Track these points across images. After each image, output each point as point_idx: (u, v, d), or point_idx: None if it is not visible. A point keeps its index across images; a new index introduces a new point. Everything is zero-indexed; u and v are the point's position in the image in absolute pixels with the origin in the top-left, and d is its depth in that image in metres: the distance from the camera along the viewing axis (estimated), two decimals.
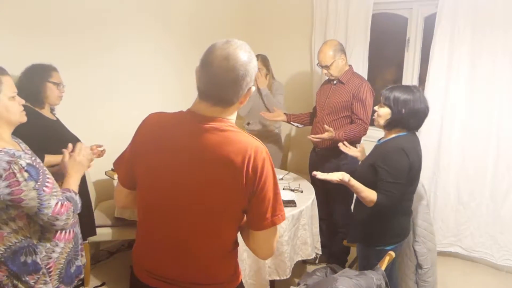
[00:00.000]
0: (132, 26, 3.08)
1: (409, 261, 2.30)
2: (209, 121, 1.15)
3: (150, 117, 1.25)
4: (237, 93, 1.14)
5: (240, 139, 1.14)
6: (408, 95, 1.90)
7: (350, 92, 2.72)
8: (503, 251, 2.96)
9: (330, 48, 2.70)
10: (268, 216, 1.16)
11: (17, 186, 1.31)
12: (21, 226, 1.39)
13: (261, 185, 1.14)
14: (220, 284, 1.26)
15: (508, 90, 2.77)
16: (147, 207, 1.25)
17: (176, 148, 1.16)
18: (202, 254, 1.21)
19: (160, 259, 1.24)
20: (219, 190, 1.14)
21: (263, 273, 2.12)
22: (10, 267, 1.39)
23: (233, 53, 1.12)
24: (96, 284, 2.77)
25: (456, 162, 3.03)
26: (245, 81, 1.14)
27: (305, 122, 3.12)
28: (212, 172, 1.13)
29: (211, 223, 1.18)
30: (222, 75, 1.11)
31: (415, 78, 3.34)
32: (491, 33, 2.76)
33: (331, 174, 1.87)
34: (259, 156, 1.13)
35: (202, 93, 1.16)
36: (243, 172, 1.11)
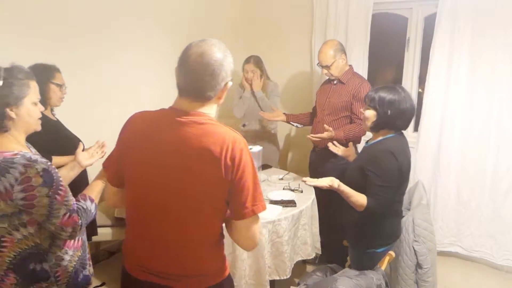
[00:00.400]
0: (132, 27, 3.08)
1: (409, 261, 2.29)
2: (188, 116, 1.21)
3: (134, 116, 1.31)
4: (213, 88, 1.20)
5: (218, 131, 1.20)
6: (393, 96, 1.87)
7: (350, 92, 2.72)
8: (503, 251, 2.96)
9: (331, 48, 2.70)
10: (248, 205, 1.20)
11: (31, 191, 1.29)
12: (32, 232, 1.36)
13: (239, 174, 1.18)
14: (208, 275, 1.30)
15: (508, 90, 2.78)
16: (134, 203, 1.29)
17: (158, 144, 1.21)
18: (188, 246, 1.25)
19: (149, 253, 1.28)
20: (200, 181, 1.19)
21: (263, 273, 2.12)
22: (19, 274, 1.36)
23: (208, 50, 1.19)
24: (96, 284, 2.77)
25: (456, 162, 3.03)
26: (221, 76, 1.20)
27: (304, 122, 3.12)
28: (192, 164, 1.18)
29: (195, 214, 1.22)
30: (198, 70, 1.18)
31: (415, 78, 3.34)
32: (491, 33, 2.76)
33: (320, 180, 1.85)
34: (236, 146, 1.18)
35: (182, 89, 1.23)
36: (221, 162, 1.16)
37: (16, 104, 1.34)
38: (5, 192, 1.28)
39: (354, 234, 2.08)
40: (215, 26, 3.71)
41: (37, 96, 1.42)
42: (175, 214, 1.22)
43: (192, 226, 1.23)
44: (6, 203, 1.29)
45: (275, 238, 2.15)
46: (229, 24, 3.87)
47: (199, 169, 1.18)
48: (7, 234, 1.33)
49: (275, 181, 2.73)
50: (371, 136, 2.09)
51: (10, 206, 1.30)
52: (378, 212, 1.88)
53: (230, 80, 1.26)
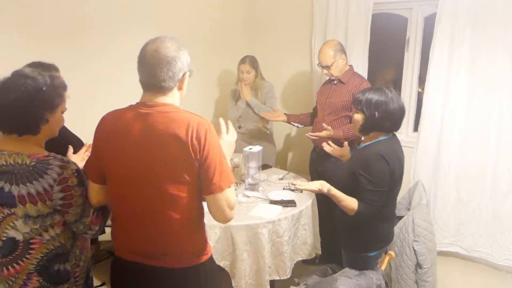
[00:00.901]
0: (132, 26, 3.08)
1: (409, 260, 2.30)
2: (153, 107, 1.31)
3: (105, 116, 1.41)
4: (172, 78, 1.31)
5: (182, 116, 1.30)
6: (380, 97, 1.84)
7: (350, 92, 2.72)
8: (503, 251, 2.96)
9: (331, 48, 2.70)
10: (215, 181, 1.30)
11: (69, 192, 1.34)
12: (58, 233, 1.39)
13: (205, 153, 1.28)
14: (190, 254, 1.41)
15: (508, 90, 2.77)
16: (116, 194, 1.40)
17: (129, 137, 1.31)
18: (168, 226, 1.35)
19: (134, 236, 1.41)
20: (172, 165, 1.29)
21: (263, 273, 2.12)
22: (43, 276, 1.38)
23: (162, 44, 1.30)
24: (96, 284, 2.77)
25: (456, 162, 3.03)
26: (177, 66, 1.31)
27: (305, 122, 3.12)
28: (163, 150, 1.28)
29: (172, 197, 1.31)
30: (156, 64, 1.28)
31: (415, 78, 3.34)
32: (491, 33, 2.76)
33: (310, 183, 1.86)
34: (201, 128, 1.28)
35: (144, 84, 1.34)
36: (188, 144, 1.26)
37: (52, 111, 1.40)
38: (45, 193, 1.31)
39: (346, 237, 2.07)
40: (215, 26, 3.71)
41: (65, 106, 1.48)
42: (153, 199, 1.33)
43: (169, 208, 1.33)
44: (44, 203, 1.32)
45: (275, 238, 2.15)
46: (229, 24, 3.87)
47: (170, 154, 1.28)
48: (37, 236, 1.36)
49: (275, 181, 2.73)
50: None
51: (47, 207, 1.33)
52: (369, 216, 1.85)
53: (189, 71, 1.37)
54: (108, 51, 2.96)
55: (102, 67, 2.95)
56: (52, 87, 1.37)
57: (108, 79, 2.99)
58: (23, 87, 1.31)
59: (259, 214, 2.17)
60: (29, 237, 1.35)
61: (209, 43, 3.63)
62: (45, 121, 1.37)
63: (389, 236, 2.08)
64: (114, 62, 3.01)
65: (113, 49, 2.99)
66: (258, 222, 2.09)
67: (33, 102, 1.32)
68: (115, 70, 3.03)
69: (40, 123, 1.36)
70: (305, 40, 3.71)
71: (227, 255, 2.10)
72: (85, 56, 2.83)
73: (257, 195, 2.41)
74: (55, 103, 1.39)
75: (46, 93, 1.35)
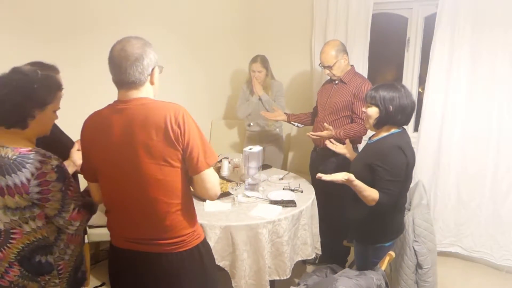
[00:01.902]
0: (132, 27, 3.08)
1: (409, 261, 2.30)
2: (129, 102, 1.39)
3: (88, 117, 1.48)
4: (142, 73, 1.37)
5: (158, 106, 1.38)
6: (394, 93, 1.93)
7: (351, 92, 2.72)
8: (503, 251, 2.96)
9: (333, 48, 2.70)
10: (201, 159, 1.39)
11: (46, 186, 1.38)
12: (40, 225, 1.43)
13: (187, 136, 1.36)
14: (183, 238, 1.47)
15: (508, 90, 2.77)
16: (108, 188, 1.47)
17: (111, 133, 1.38)
18: (160, 212, 1.42)
19: (127, 225, 1.47)
20: (156, 152, 1.35)
21: (263, 273, 2.12)
22: (24, 266, 1.43)
23: (127, 43, 1.38)
24: (96, 284, 2.77)
25: (456, 162, 3.03)
26: (145, 61, 1.38)
27: (305, 122, 3.12)
28: (145, 140, 1.35)
29: (160, 181, 1.39)
30: (124, 61, 1.35)
31: (415, 78, 3.34)
32: (491, 33, 2.76)
33: (335, 174, 1.88)
34: (178, 113, 1.36)
35: (117, 83, 1.41)
36: (169, 130, 1.33)
37: (42, 108, 1.44)
38: (22, 186, 1.36)
39: (363, 230, 2.10)
40: (215, 26, 3.71)
41: (58, 105, 1.53)
42: (142, 187, 1.39)
43: (159, 193, 1.40)
44: (21, 196, 1.37)
45: (275, 238, 2.15)
46: (229, 24, 3.87)
47: (152, 142, 1.34)
48: (17, 227, 1.41)
49: (275, 181, 2.73)
50: (371, 135, 2.10)
51: (25, 200, 1.37)
52: (388, 206, 1.91)
53: (158, 66, 1.45)
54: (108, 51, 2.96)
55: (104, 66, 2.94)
56: (44, 86, 1.43)
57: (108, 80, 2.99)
58: (15, 82, 1.38)
59: (259, 214, 2.17)
60: (10, 227, 1.40)
61: (209, 43, 3.63)
62: (32, 117, 1.42)
63: (402, 226, 2.16)
64: None
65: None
66: (258, 222, 2.09)
67: (23, 98, 1.38)
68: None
69: (28, 118, 1.41)
70: (305, 40, 3.71)
71: (227, 255, 2.10)
72: (88, 55, 2.82)
73: (257, 195, 2.41)
74: (45, 101, 1.44)
75: (37, 90, 1.40)
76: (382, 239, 2.05)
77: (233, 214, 2.18)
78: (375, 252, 2.06)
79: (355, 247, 2.21)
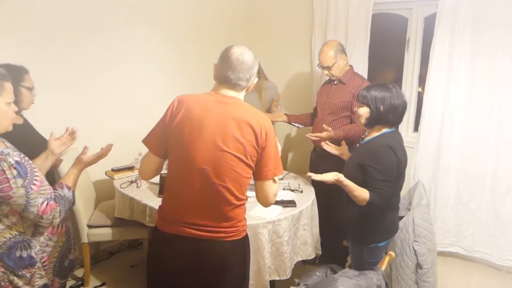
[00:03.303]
0: (132, 27, 3.08)
1: (409, 261, 2.30)
2: (229, 98, 1.53)
3: (182, 97, 1.55)
4: (247, 80, 1.54)
5: (254, 110, 1.55)
6: (385, 93, 1.94)
7: (350, 92, 2.72)
8: (503, 251, 2.96)
9: (331, 49, 2.70)
10: (271, 168, 1.54)
11: (6, 183, 1.35)
12: (15, 221, 1.43)
13: (268, 144, 1.51)
14: (238, 226, 1.56)
15: (508, 90, 2.77)
16: (180, 165, 1.53)
17: (207, 118, 1.48)
18: (228, 202, 1.51)
19: (189, 208, 1.52)
20: (243, 146, 1.47)
21: (263, 273, 2.12)
22: (6, 262, 1.43)
23: (246, 51, 1.53)
24: (96, 284, 2.77)
25: (456, 162, 3.03)
26: (253, 71, 1.55)
27: (305, 123, 3.12)
28: (235, 133, 1.47)
29: (238, 174, 1.49)
30: (239, 66, 1.50)
31: (415, 78, 3.34)
32: (491, 33, 2.76)
33: (325, 174, 1.88)
34: (267, 122, 1.54)
35: (222, 80, 1.53)
36: (258, 133, 1.49)
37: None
38: None
39: (356, 230, 2.09)
40: (215, 26, 3.71)
41: (10, 96, 1.45)
42: (219, 176, 1.48)
43: (232, 185, 1.50)
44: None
45: (275, 238, 2.15)
46: (229, 24, 3.86)
47: (242, 138, 1.47)
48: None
49: None
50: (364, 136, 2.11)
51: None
52: (379, 206, 1.91)
53: (257, 77, 1.60)
54: (108, 51, 2.96)
55: (105, 67, 2.95)
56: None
57: (109, 79, 2.99)
58: None
59: (259, 214, 2.17)
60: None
61: (209, 43, 3.63)
62: None
63: (396, 226, 2.15)
64: (114, 62, 3.01)
65: (114, 49, 2.99)
66: (258, 222, 2.09)
67: None
68: (116, 71, 3.03)
69: None
70: (305, 40, 3.71)
71: None
72: (89, 55, 2.83)
73: None
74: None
75: None
76: (375, 239, 2.05)
77: None
78: (369, 252, 2.06)
79: (350, 247, 2.21)
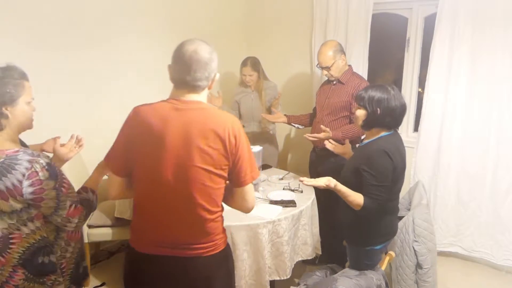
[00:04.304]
0: (131, 24, 3.08)
1: (409, 261, 2.30)
2: (189, 104, 1.39)
3: (137, 108, 1.43)
4: (207, 78, 1.40)
5: (219, 114, 1.41)
6: (382, 94, 1.89)
7: (349, 92, 2.72)
8: (503, 251, 2.96)
9: (330, 49, 2.70)
10: (248, 173, 1.43)
11: (39, 185, 1.34)
12: (39, 226, 1.41)
13: (240, 149, 1.40)
14: (218, 240, 1.48)
15: (508, 90, 2.77)
16: (147, 186, 1.42)
17: (167, 130, 1.35)
18: (198, 217, 1.41)
19: (163, 228, 1.43)
20: (210, 157, 1.36)
21: (263, 273, 2.12)
22: (28, 269, 1.40)
23: (199, 47, 1.38)
24: (96, 284, 2.77)
25: (456, 162, 3.03)
26: (211, 68, 1.40)
27: (305, 123, 3.12)
28: (200, 143, 1.34)
29: (207, 187, 1.39)
30: (194, 64, 1.35)
31: (415, 78, 3.34)
32: (491, 33, 2.76)
33: (317, 180, 1.87)
34: (235, 125, 1.40)
35: (179, 82, 1.40)
36: (225, 140, 1.36)
37: (12, 104, 1.37)
38: (14, 188, 1.32)
39: (352, 233, 2.09)
40: (215, 26, 3.71)
41: (30, 96, 1.45)
42: (188, 192, 1.38)
43: (204, 200, 1.39)
44: (15, 199, 1.33)
45: (275, 238, 2.15)
46: (229, 24, 3.87)
47: (207, 147, 1.35)
48: (15, 230, 1.37)
49: (275, 181, 2.73)
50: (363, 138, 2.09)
51: (19, 202, 1.34)
52: (374, 211, 1.89)
53: (217, 72, 1.45)
54: (107, 51, 2.96)
55: (105, 67, 2.95)
56: (3, 82, 1.35)
57: (109, 79, 2.99)
58: None
59: (259, 214, 2.16)
60: (8, 232, 1.37)
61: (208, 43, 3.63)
62: (5, 117, 1.36)
63: (393, 229, 2.12)
64: (114, 62, 3.01)
65: (115, 50, 2.99)
66: (258, 222, 2.09)
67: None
68: (117, 71, 3.03)
69: (1, 119, 1.36)
70: (305, 40, 3.70)
71: None
72: (87, 55, 2.83)
73: (257, 195, 2.41)
74: (12, 95, 1.36)
75: None
76: (371, 242, 2.02)
77: (233, 214, 2.17)
78: (366, 255, 2.04)
79: (347, 248, 2.19)
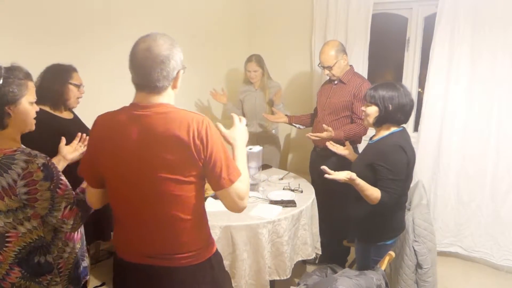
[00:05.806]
0: (132, 24, 3.08)
1: (409, 261, 2.30)
2: (149, 108, 1.27)
3: (97, 119, 1.36)
4: (166, 77, 1.26)
5: (181, 116, 1.26)
6: (393, 92, 1.96)
7: (351, 92, 2.72)
8: (503, 251, 2.96)
9: (332, 49, 2.70)
10: (224, 176, 1.29)
11: (33, 186, 1.34)
12: (35, 225, 1.41)
13: (209, 151, 1.26)
14: (199, 250, 1.39)
15: (508, 90, 2.77)
16: (117, 198, 1.37)
17: (125, 140, 1.28)
18: (176, 226, 1.34)
19: (138, 238, 1.37)
20: (175, 166, 1.26)
21: (263, 273, 2.12)
22: (24, 268, 1.41)
23: (153, 43, 1.24)
24: (96, 284, 2.77)
25: (456, 162, 3.03)
26: (171, 65, 1.25)
27: (306, 123, 3.12)
28: (162, 152, 1.25)
29: (177, 196, 1.30)
30: (148, 64, 1.23)
31: (415, 78, 3.34)
32: (491, 33, 2.76)
33: (338, 173, 1.90)
34: (201, 126, 1.25)
35: (137, 84, 1.29)
36: (191, 144, 1.23)
37: (15, 103, 1.37)
38: (9, 188, 1.32)
39: (365, 229, 2.11)
40: (215, 26, 3.71)
41: (33, 96, 1.44)
42: (158, 201, 1.30)
43: (175, 208, 1.31)
44: (10, 198, 1.34)
45: (275, 238, 2.15)
46: (229, 24, 3.86)
47: (172, 155, 1.24)
48: (11, 229, 1.38)
49: (275, 181, 2.73)
50: (371, 135, 2.11)
51: (14, 201, 1.35)
52: (390, 205, 1.94)
53: (183, 68, 1.32)
54: (110, 52, 2.96)
55: (106, 65, 2.94)
56: (6, 81, 1.35)
57: (110, 79, 2.99)
58: None
59: (259, 214, 2.17)
60: (4, 230, 1.38)
61: (209, 43, 3.63)
62: (7, 115, 1.36)
63: (403, 224, 2.18)
64: (116, 61, 3.00)
65: (115, 50, 2.99)
66: (258, 222, 2.09)
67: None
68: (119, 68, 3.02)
69: (4, 117, 1.36)
70: (305, 40, 3.70)
71: (227, 255, 2.10)
72: (89, 54, 2.83)
73: (257, 195, 2.41)
74: (15, 95, 1.36)
75: (2, 86, 1.33)
76: (384, 237, 2.07)
77: (233, 214, 2.17)
78: (376, 251, 2.07)
79: (356, 246, 2.22)
